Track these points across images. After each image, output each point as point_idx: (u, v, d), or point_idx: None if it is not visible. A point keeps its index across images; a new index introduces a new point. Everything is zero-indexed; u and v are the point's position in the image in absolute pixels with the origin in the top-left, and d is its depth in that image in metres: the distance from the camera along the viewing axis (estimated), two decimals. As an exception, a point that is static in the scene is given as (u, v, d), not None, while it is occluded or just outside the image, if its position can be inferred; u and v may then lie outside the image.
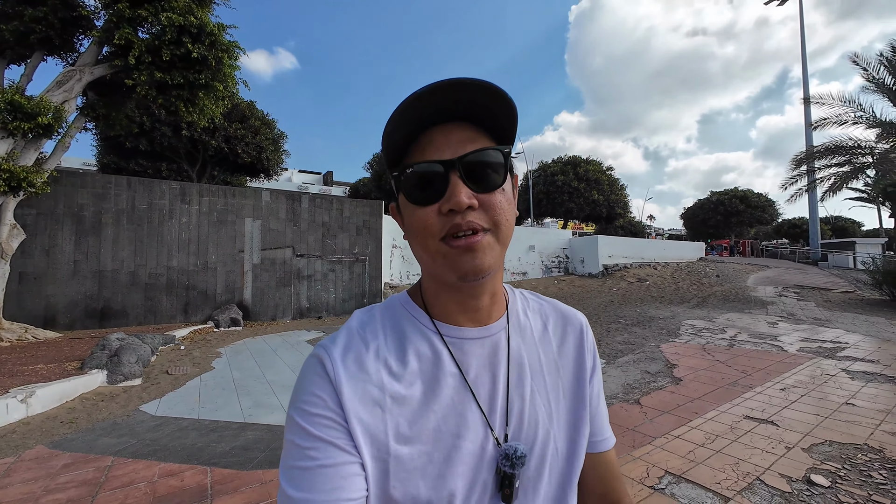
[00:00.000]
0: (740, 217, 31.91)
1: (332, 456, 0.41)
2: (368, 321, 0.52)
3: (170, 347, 6.60)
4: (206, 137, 14.46)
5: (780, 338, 6.97)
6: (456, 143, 0.45)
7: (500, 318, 0.54)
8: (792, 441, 2.97)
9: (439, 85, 0.42)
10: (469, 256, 0.44)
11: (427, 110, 0.44)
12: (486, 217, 0.44)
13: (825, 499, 2.26)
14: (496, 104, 0.45)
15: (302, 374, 0.47)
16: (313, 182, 38.49)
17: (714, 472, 2.54)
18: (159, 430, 3.42)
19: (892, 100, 10.76)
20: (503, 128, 0.47)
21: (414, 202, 0.46)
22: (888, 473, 2.52)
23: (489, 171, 0.45)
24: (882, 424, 3.26)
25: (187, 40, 7.31)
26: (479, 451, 0.47)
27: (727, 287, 13.48)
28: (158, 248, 9.06)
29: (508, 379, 0.51)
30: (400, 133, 0.45)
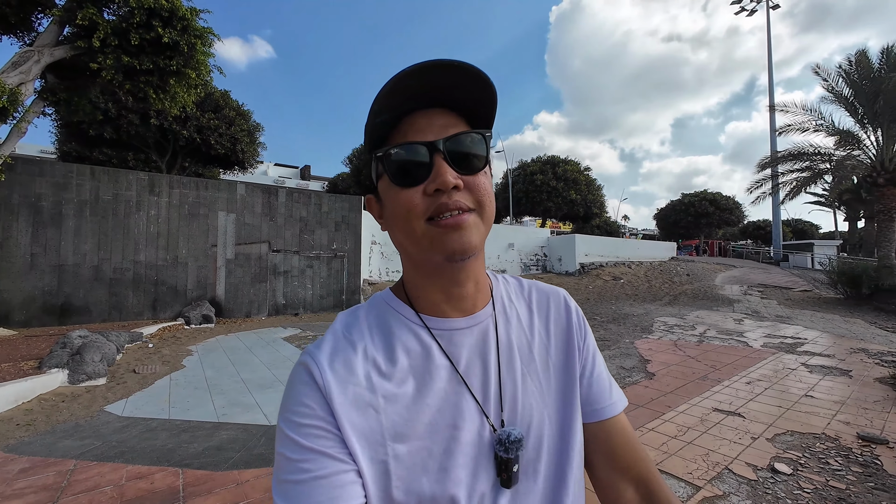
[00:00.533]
0: (709, 219, 33.23)
1: (326, 466, 0.41)
2: (353, 322, 0.51)
3: (137, 345, 6.32)
4: (176, 127, 13.87)
5: (745, 334, 7.30)
6: (438, 128, 0.45)
7: (485, 305, 0.54)
8: (757, 432, 3.12)
9: (426, 65, 0.42)
10: (457, 235, 0.44)
11: (412, 92, 0.44)
12: (472, 197, 0.45)
13: (787, 485, 2.38)
14: (478, 87, 0.45)
15: (289, 384, 0.46)
16: (290, 176, 37.60)
17: (686, 462, 2.64)
18: (126, 432, 3.27)
19: (849, 110, 11.41)
20: (483, 114, 0.48)
21: (398, 184, 0.46)
22: (843, 460, 2.68)
23: (472, 154, 0.46)
24: (837, 415, 3.46)
25: (157, 24, 6.96)
26: (476, 440, 0.47)
27: (697, 286, 14.02)
28: (125, 242, 8.64)
29: (499, 365, 0.51)
30: (385, 115, 0.45)
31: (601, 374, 0.59)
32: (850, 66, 11.11)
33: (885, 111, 10.38)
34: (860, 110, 11.09)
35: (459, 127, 0.47)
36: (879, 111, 10.54)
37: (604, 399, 0.57)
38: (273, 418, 3.59)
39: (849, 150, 11.74)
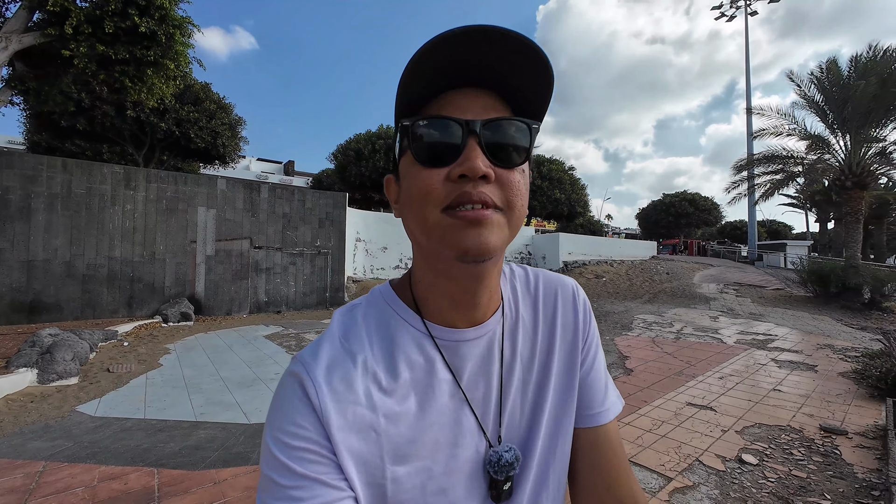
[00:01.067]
0: (689, 219, 34.12)
1: (321, 495, 0.37)
2: (351, 327, 0.47)
3: (111, 344, 6.15)
4: (154, 119, 13.46)
5: (720, 331, 7.54)
6: (480, 108, 0.40)
7: (495, 311, 0.49)
8: (727, 425, 3.24)
9: (475, 28, 0.35)
10: (474, 231, 0.38)
11: (453, 63, 0.38)
12: (501, 194, 0.39)
13: (753, 475, 2.49)
14: (533, 71, 0.39)
15: (280, 397, 0.42)
16: (273, 171, 36.94)
17: (659, 454, 2.73)
18: (99, 432, 3.19)
19: (819, 115, 11.85)
20: (533, 102, 0.42)
21: (421, 161, 0.40)
22: (805, 450, 2.81)
23: (513, 145, 0.40)
24: (802, 408, 3.62)
25: (134, 12, 6.75)
26: (474, 456, 0.46)
27: (676, 284, 14.38)
28: (99, 237, 8.37)
29: (501, 378, 0.49)
30: (420, 82, 0.39)
31: (598, 376, 0.55)
32: (822, 73, 11.53)
33: (853, 117, 10.82)
34: (830, 116, 11.53)
35: (504, 113, 0.41)
36: (848, 117, 10.97)
37: (595, 405, 0.54)
38: (253, 417, 3.56)
39: (819, 154, 12.19)
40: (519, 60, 0.38)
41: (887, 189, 23.88)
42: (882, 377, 3.79)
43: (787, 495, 2.27)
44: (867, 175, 11.28)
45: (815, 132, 12.01)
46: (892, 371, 3.71)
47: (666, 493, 2.28)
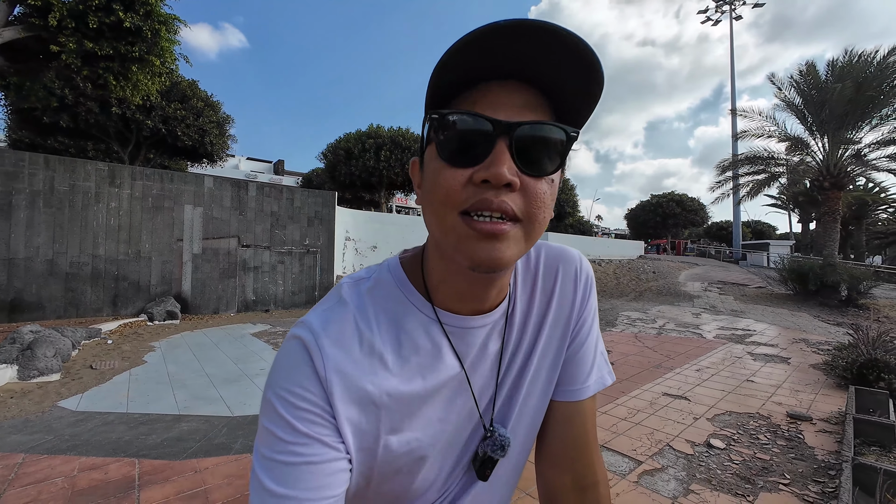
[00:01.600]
0: (676, 219, 34.64)
1: (320, 453, 0.39)
2: (360, 302, 0.46)
3: (95, 342, 6.09)
4: (140, 116, 13.29)
5: (701, 326, 7.72)
6: (517, 107, 0.37)
7: (502, 300, 0.50)
8: (699, 413, 3.35)
9: (522, 24, 0.33)
10: (488, 245, 0.37)
11: (495, 56, 0.35)
12: (523, 205, 0.37)
13: (719, 458, 2.59)
14: (582, 71, 0.36)
15: (286, 358, 0.42)
16: (263, 171, 36.65)
17: (632, 440, 2.82)
18: (81, 426, 3.19)
19: (799, 117, 12.18)
20: (578, 107, 0.39)
21: (444, 158, 0.38)
22: (771, 435, 2.93)
23: (545, 153, 0.37)
24: (772, 396, 3.76)
25: (118, 7, 6.69)
26: (465, 437, 0.49)
27: (661, 282, 14.64)
28: (82, 235, 8.26)
29: (500, 364, 0.51)
30: (455, 72, 0.37)
31: (587, 352, 0.55)
32: (801, 76, 11.86)
33: (830, 120, 11.14)
34: (809, 118, 11.86)
35: (542, 114, 0.38)
36: (825, 119, 11.30)
37: (577, 381, 0.54)
38: (237, 410, 3.58)
39: (800, 156, 12.52)
40: (567, 59, 0.35)
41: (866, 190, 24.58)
42: (848, 367, 3.94)
43: (750, 475, 2.37)
44: (844, 176, 11.62)
45: (795, 134, 12.35)
46: (857, 361, 3.86)
47: (635, 475, 2.37)
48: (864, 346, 4.08)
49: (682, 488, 2.24)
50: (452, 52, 0.35)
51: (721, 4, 29.84)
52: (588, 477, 0.54)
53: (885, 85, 10.44)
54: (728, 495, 2.17)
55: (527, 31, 0.33)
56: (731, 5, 29.22)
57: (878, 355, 3.87)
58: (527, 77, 0.37)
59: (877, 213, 26.77)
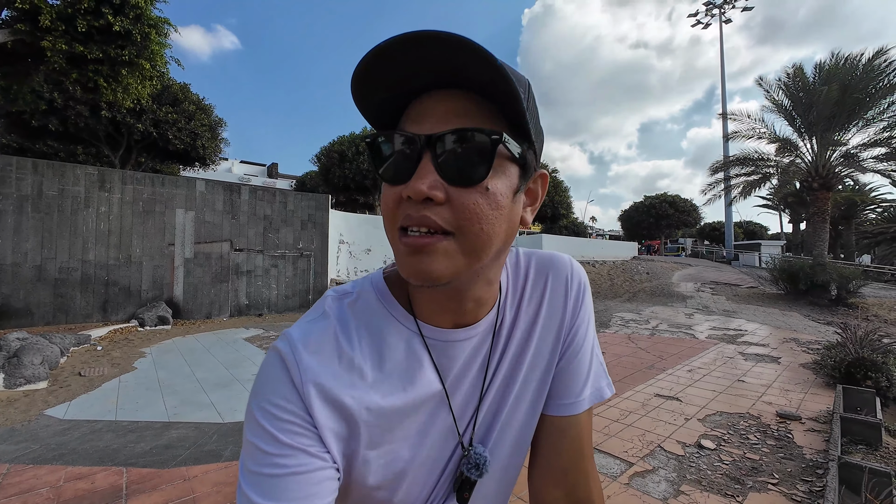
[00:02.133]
0: (669, 220, 34.91)
1: (305, 463, 0.39)
2: (342, 316, 0.46)
3: (84, 348, 6.01)
4: (130, 120, 13.18)
5: (693, 327, 7.78)
6: (441, 116, 0.36)
7: (487, 314, 0.48)
8: (690, 413, 3.37)
9: (405, 38, 0.32)
10: (415, 259, 0.37)
11: (396, 72, 0.34)
12: (451, 217, 0.36)
13: (710, 459, 2.61)
14: (487, 70, 0.33)
15: (267, 371, 0.42)
16: (256, 174, 36.45)
17: (623, 442, 2.83)
18: (67, 434, 3.14)
19: (787, 119, 12.34)
20: (505, 101, 0.36)
21: (383, 178, 0.39)
22: (761, 435, 2.96)
23: (468, 160, 0.35)
24: (763, 396, 3.79)
25: (107, 11, 6.65)
26: (446, 456, 0.48)
27: (655, 283, 14.74)
28: (72, 240, 8.17)
29: (484, 380, 0.49)
30: (364, 103, 0.37)
31: (580, 364, 0.53)
32: (789, 79, 12.03)
33: (818, 121, 11.30)
34: (797, 120, 12.02)
35: (473, 119, 0.36)
36: (813, 121, 11.46)
37: (571, 394, 0.52)
38: (228, 416, 3.55)
39: (789, 157, 12.68)
40: (474, 65, 0.33)
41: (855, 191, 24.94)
42: (836, 366, 3.99)
43: (739, 476, 2.39)
44: (832, 177, 11.78)
45: (784, 136, 12.51)
46: (845, 360, 3.91)
47: (626, 477, 2.37)
48: (851, 345, 4.13)
49: (673, 489, 2.25)
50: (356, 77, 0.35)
51: (711, 8, 30.24)
52: (581, 492, 0.52)
53: (870, 87, 10.62)
54: (718, 496, 2.19)
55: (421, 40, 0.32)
56: (720, 9, 29.63)
57: (866, 354, 3.92)
58: (455, 83, 0.36)
59: (865, 213, 27.17)
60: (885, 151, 11.16)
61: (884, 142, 11.05)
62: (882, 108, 10.79)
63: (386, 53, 0.33)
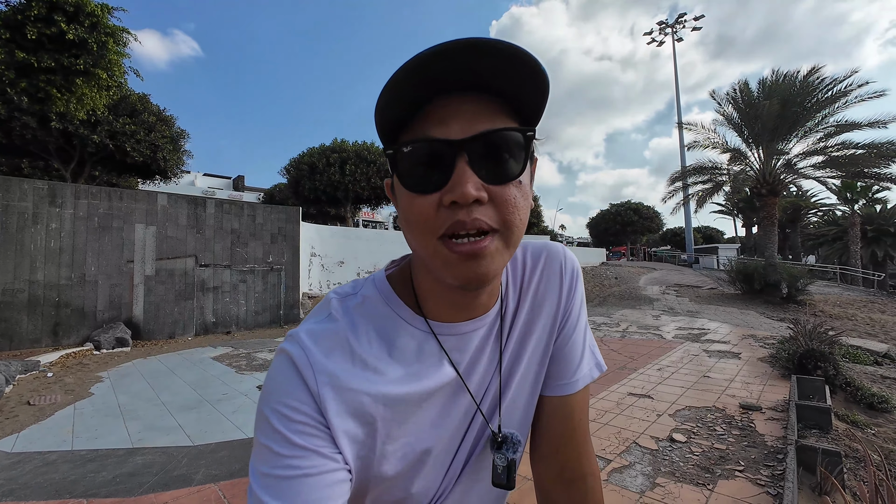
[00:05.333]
0: (634, 226, 36.41)
1: (317, 465, 0.38)
2: (349, 320, 0.46)
3: (32, 375, 5.57)
4: (84, 131, 12.46)
5: (661, 328, 8.11)
6: (468, 119, 0.36)
7: (494, 302, 0.50)
8: (662, 409, 3.51)
9: (452, 46, 0.33)
10: (473, 264, 0.37)
11: (431, 77, 0.35)
12: (497, 215, 0.37)
13: (682, 451, 2.73)
14: (524, 74, 0.36)
15: (278, 373, 0.42)
16: (221, 187, 35.26)
17: (601, 440, 2.91)
18: (17, 468, 2.90)
19: (736, 131, 13.27)
20: (530, 103, 0.38)
21: (410, 189, 0.38)
22: (726, 426, 3.12)
23: (506, 158, 0.37)
24: (727, 390, 4.01)
25: (60, 19, 6.36)
26: (467, 441, 0.49)
27: (623, 287, 15.27)
28: (17, 260, 7.59)
29: (500, 366, 0.50)
30: (395, 109, 0.37)
31: (574, 346, 0.54)
32: (736, 93, 12.97)
33: (763, 133, 12.23)
34: (745, 131, 12.95)
35: (497, 119, 0.37)
36: (759, 132, 12.38)
37: (566, 375, 0.54)
38: (198, 439, 3.38)
39: (740, 166, 13.60)
40: (507, 67, 0.35)
41: (799, 197, 26.96)
42: (790, 358, 4.28)
43: (709, 465, 2.51)
44: (778, 184, 12.71)
45: (735, 146, 13.42)
46: (797, 353, 4.20)
47: (605, 474, 2.44)
48: (802, 338, 4.44)
49: (649, 482, 2.34)
50: (392, 86, 0.35)
51: (664, 27, 32.24)
52: (575, 469, 0.54)
53: (806, 102, 11.62)
54: (690, 485, 2.29)
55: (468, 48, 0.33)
56: (672, 28, 31.64)
57: (815, 346, 4.23)
58: (476, 86, 0.37)
59: (809, 217, 29.39)
60: (820, 160, 12.20)
61: (820, 151, 12.08)
62: (817, 121, 11.80)
63: (447, 55, 0.33)
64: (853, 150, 11.52)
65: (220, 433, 3.48)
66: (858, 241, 19.69)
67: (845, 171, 12.12)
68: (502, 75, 0.36)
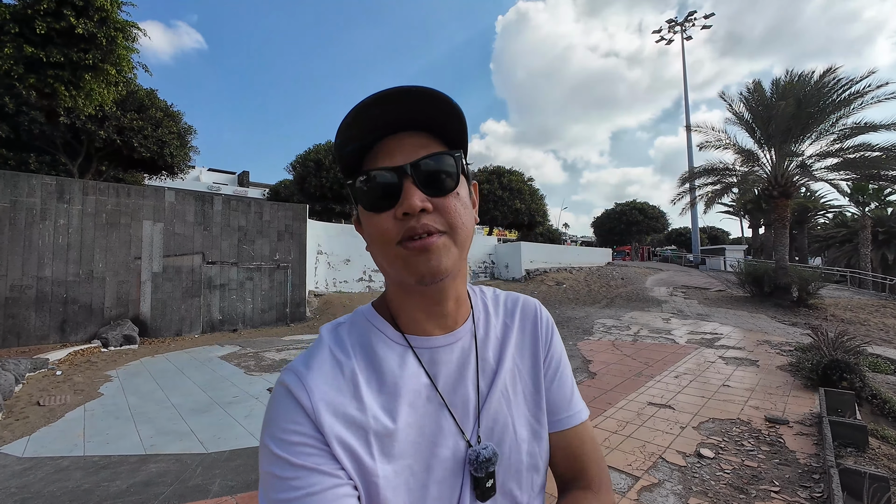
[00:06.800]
0: (639, 226, 36.15)
1: (320, 482, 0.41)
2: (337, 340, 0.51)
3: (41, 374, 5.54)
4: (92, 126, 12.43)
5: (672, 332, 8.01)
6: (408, 150, 0.46)
7: (466, 320, 0.55)
8: (685, 421, 3.43)
9: (381, 95, 0.43)
10: (425, 258, 0.44)
11: (374, 121, 0.44)
12: (442, 220, 0.45)
13: (711, 468, 2.64)
14: (442, 111, 0.46)
15: (274, 403, 0.46)
16: (226, 182, 35.21)
17: (626, 455, 2.83)
18: (29, 475, 2.85)
19: (748, 131, 13.08)
20: (454, 134, 0.48)
21: (370, 210, 0.46)
22: (755, 441, 3.03)
23: (442, 176, 0.46)
24: (749, 401, 3.91)
25: (69, 13, 6.27)
26: (455, 456, 0.49)
27: (630, 289, 15.14)
28: (25, 256, 7.57)
29: (478, 381, 0.53)
30: (350, 145, 0.46)
31: (563, 385, 0.59)
32: (749, 93, 12.77)
33: (776, 134, 12.03)
34: (757, 132, 12.76)
35: (430, 147, 0.47)
36: (772, 133, 12.19)
37: (560, 410, 0.58)
38: (211, 445, 3.32)
39: (750, 167, 13.41)
40: (428, 107, 0.45)
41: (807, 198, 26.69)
42: (813, 368, 4.17)
43: (742, 485, 2.43)
44: (790, 185, 12.52)
45: (746, 147, 13.22)
46: (822, 363, 4.09)
47: (634, 493, 2.36)
48: (825, 347, 4.34)
49: (682, 503, 2.26)
50: (342, 131, 0.45)
51: (673, 25, 31.87)
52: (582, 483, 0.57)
53: (821, 102, 11.42)
54: (725, 507, 2.20)
55: (395, 95, 0.43)
56: (681, 26, 31.27)
57: (839, 356, 4.12)
58: (411, 125, 0.46)
59: (816, 219, 29.07)
60: (835, 162, 12.00)
61: (834, 153, 11.88)
62: (832, 122, 11.61)
63: (385, 100, 0.43)
64: (869, 152, 11.33)
65: (234, 439, 3.42)
66: (869, 243, 19.45)
67: (860, 172, 11.92)
68: (429, 115, 0.46)
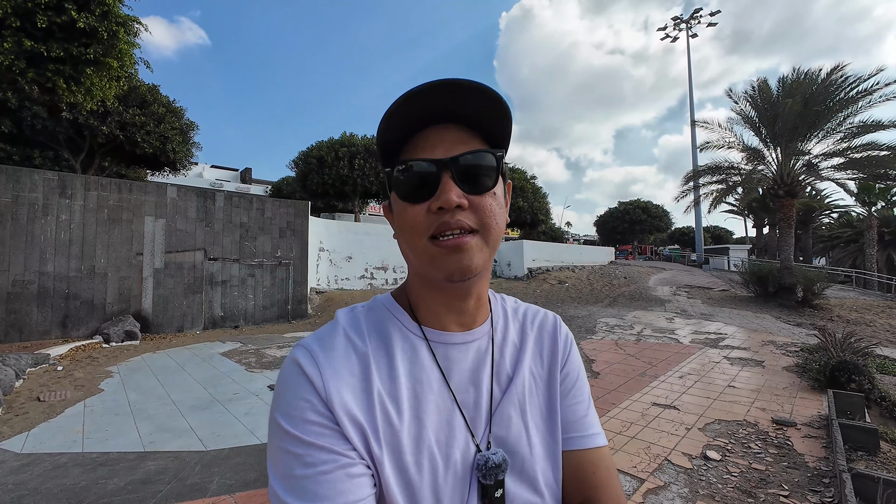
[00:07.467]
0: (642, 225, 35.99)
1: (331, 460, 0.40)
2: (352, 323, 0.50)
3: (42, 369, 5.53)
4: (94, 122, 12.44)
5: (676, 331, 7.94)
6: (449, 144, 0.45)
7: (484, 321, 0.54)
8: (690, 422, 3.37)
9: (433, 84, 0.42)
10: (456, 257, 0.44)
11: (421, 110, 0.44)
12: (475, 218, 0.45)
13: (718, 471, 2.59)
14: (490, 108, 0.45)
15: (286, 378, 0.45)
16: (229, 179, 35.27)
17: (631, 457, 2.78)
18: (27, 471, 2.82)
19: (754, 130, 12.94)
20: (496, 132, 0.48)
21: (404, 199, 0.46)
22: (762, 443, 2.98)
23: (481, 173, 0.45)
24: (755, 402, 3.85)
25: (70, 7, 6.23)
26: (464, 459, 0.47)
27: (633, 288, 15.06)
28: (27, 251, 7.57)
29: (492, 385, 0.51)
30: (393, 133, 0.46)
31: (578, 402, 0.56)
32: (754, 91, 12.62)
33: (783, 133, 11.89)
34: (763, 131, 12.62)
35: (471, 144, 0.46)
36: (779, 132, 12.05)
37: (572, 429, 0.55)
38: (210, 443, 3.29)
39: (755, 166, 13.28)
40: (477, 101, 0.44)
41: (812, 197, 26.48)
42: (821, 370, 4.11)
43: (750, 488, 2.37)
44: (797, 185, 12.40)
45: (752, 145, 13.09)
46: (829, 365, 4.03)
47: (640, 495, 2.31)
48: (833, 348, 4.27)
49: (688, 507, 2.21)
50: (386, 119, 0.44)
51: (678, 23, 31.61)
52: None
53: (828, 101, 11.28)
54: (733, 512, 2.15)
55: (445, 86, 0.42)
56: (687, 24, 31.02)
57: (847, 357, 4.06)
58: (453, 118, 0.46)
59: (821, 218, 28.86)
60: (841, 161, 11.87)
61: (841, 152, 11.75)
62: (839, 121, 11.47)
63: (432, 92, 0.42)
64: (876, 151, 11.19)
65: (233, 437, 3.39)
66: (875, 243, 19.28)
67: (867, 172, 11.79)
68: (475, 109, 0.45)
